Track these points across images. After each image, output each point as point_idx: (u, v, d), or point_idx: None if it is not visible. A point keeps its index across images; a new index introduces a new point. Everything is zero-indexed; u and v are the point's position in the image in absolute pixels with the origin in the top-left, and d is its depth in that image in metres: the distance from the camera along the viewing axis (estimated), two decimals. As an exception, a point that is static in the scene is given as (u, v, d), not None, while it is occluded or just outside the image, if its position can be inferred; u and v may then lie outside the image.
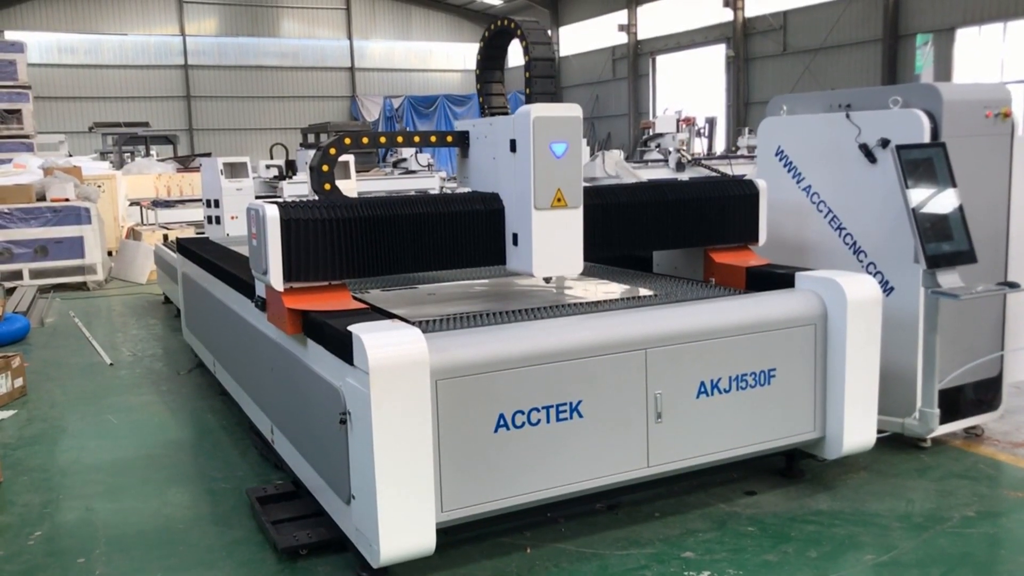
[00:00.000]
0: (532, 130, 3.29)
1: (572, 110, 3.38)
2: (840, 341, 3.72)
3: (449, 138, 3.90)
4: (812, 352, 3.77)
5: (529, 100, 3.68)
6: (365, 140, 3.81)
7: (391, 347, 2.84)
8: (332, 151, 3.75)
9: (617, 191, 3.98)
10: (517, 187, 3.44)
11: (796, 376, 3.75)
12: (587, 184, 3.64)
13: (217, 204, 8.82)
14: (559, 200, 3.38)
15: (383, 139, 3.93)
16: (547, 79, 3.68)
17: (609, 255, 4.77)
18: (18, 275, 10.52)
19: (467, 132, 3.86)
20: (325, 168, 3.76)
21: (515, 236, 3.51)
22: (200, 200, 10.65)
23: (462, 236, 3.53)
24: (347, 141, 3.77)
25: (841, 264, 4.44)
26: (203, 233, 9.45)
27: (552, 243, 3.42)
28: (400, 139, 4.03)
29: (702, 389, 3.53)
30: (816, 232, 4.64)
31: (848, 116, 4.44)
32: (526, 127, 3.31)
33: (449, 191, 7.22)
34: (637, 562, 3.26)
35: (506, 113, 3.98)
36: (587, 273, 4.67)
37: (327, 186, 3.76)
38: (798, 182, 4.73)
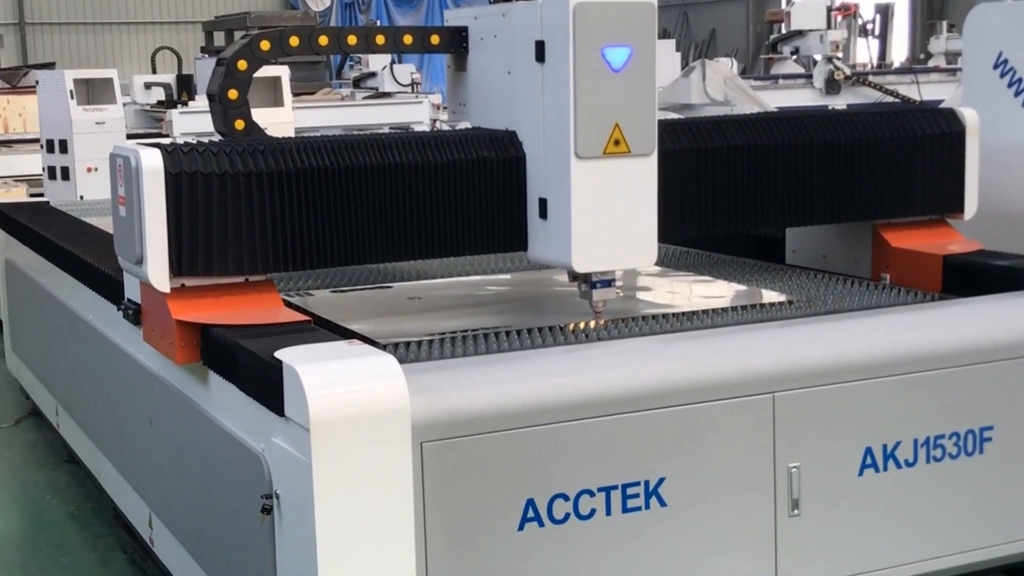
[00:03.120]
0: (572, 24, 3.30)
1: (641, -9, 3.39)
2: (1102, 381, 3.71)
3: (435, 38, 3.91)
4: (1054, 399, 3.76)
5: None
6: (294, 41, 3.80)
7: (346, 386, 2.84)
8: (242, 65, 3.76)
9: (724, 128, 3.97)
10: (547, 121, 3.44)
11: (1027, 439, 3.74)
12: (671, 116, 3.63)
13: (64, 148, 8.89)
14: (617, 143, 3.38)
15: (324, 39, 3.90)
16: None
17: (708, 235, 4.75)
18: None
19: (465, 28, 3.87)
20: (233, 94, 3.77)
21: (543, 203, 3.51)
22: (37, 141, 10.76)
23: (460, 203, 3.54)
24: (265, 46, 3.78)
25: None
26: (41, 195, 9.55)
27: (605, 216, 3.42)
28: (353, 39, 3.99)
29: (869, 461, 3.53)
30: (1062, 197, 4.60)
31: (1118, 1, 4.40)
32: (563, 20, 3.31)
33: (449, 127, 7.26)
34: None
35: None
36: (670, 264, 4.68)
37: (239, 123, 3.78)
38: (1032, 113, 4.71)
